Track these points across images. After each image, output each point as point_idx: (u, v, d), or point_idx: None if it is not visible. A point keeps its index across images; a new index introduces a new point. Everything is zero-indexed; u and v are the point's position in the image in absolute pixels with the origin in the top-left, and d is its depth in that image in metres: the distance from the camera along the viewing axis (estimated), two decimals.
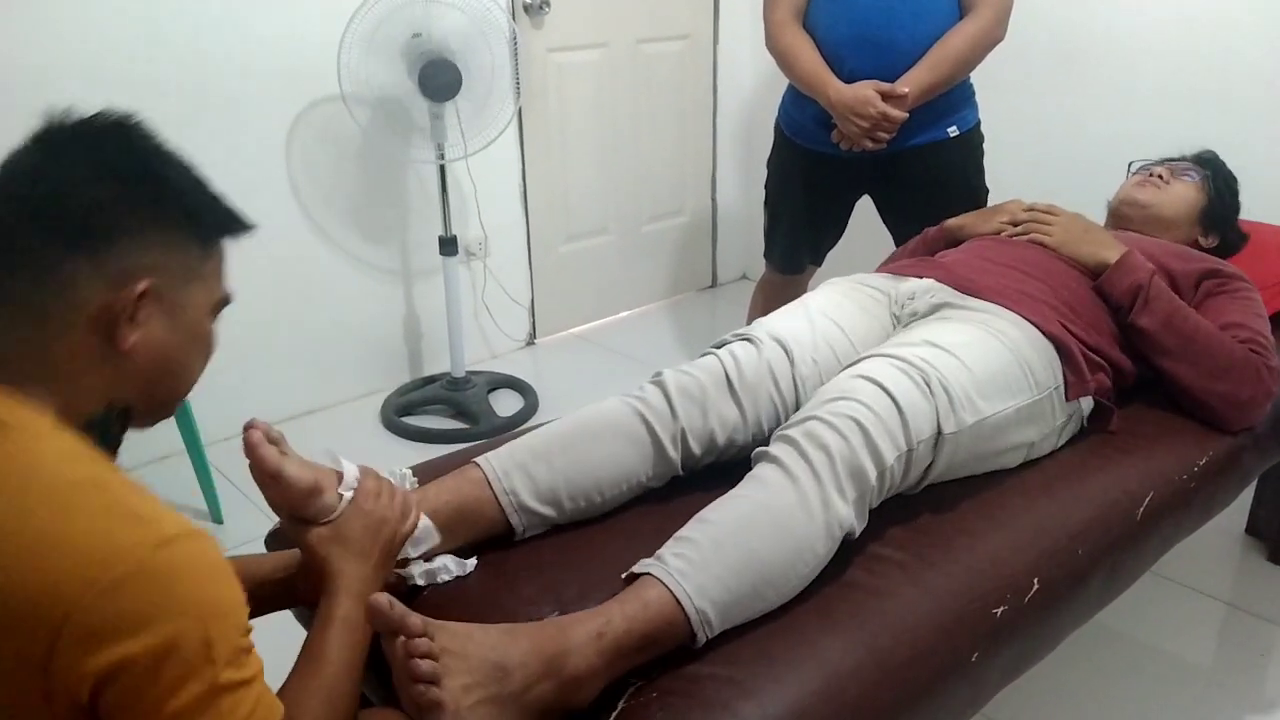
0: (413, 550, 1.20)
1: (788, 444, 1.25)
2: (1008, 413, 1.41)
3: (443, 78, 2.51)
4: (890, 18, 2.13)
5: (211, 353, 0.95)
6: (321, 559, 1.06)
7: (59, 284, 0.82)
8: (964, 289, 1.60)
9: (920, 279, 1.66)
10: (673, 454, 1.37)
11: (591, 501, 1.33)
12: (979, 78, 2.28)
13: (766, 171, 2.53)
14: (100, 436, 0.86)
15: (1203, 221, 1.99)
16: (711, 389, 1.41)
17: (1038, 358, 1.48)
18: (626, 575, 1.16)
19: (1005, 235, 1.84)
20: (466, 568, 1.24)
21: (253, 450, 1.06)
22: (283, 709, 0.84)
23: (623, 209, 3.58)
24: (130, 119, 0.88)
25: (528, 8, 3.06)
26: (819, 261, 2.58)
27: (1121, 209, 2.02)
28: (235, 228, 0.94)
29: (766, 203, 2.56)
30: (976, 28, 2.13)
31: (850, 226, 2.51)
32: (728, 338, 1.53)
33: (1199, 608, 2.06)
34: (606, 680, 1.06)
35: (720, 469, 1.41)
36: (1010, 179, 2.50)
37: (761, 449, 1.29)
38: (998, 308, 1.54)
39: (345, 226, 2.88)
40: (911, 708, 1.14)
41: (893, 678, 1.12)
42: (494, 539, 1.29)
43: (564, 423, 1.37)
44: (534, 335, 3.45)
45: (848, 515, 1.22)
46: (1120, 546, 1.42)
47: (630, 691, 1.07)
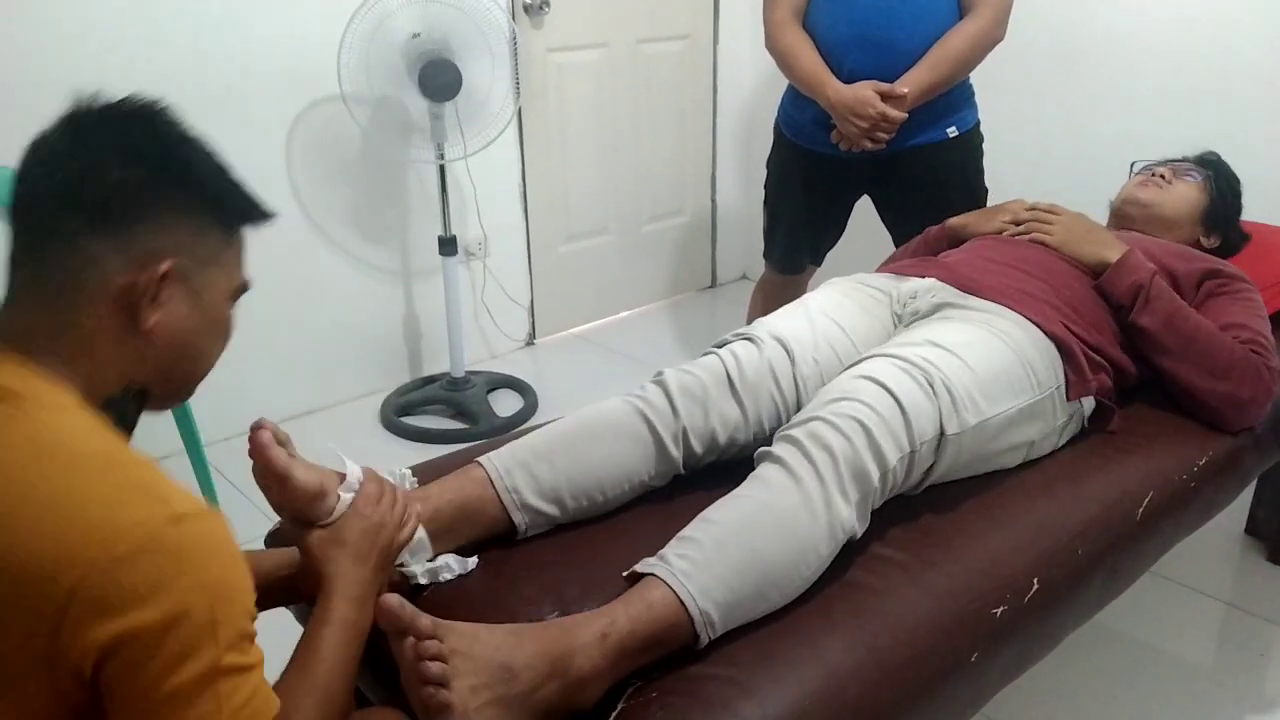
0: (409, 559, 1.20)
1: (791, 444, 1.25)
2: (1010, 413, 1.42)
3: (442, 78, 2.51)
4: (890, 18, 2.13)
5: (229, 338, 0.97)
6: (319, 560, 1.06)
7: (84, 262, 0.84)
8: (966, 288, 1.60)
9: (922, 278, 1.66)
10: (674, 452, 1.37)
11: (593, 500, 1.33)
12: (979, 78, 2.28)
13: (766, 172, 2.53)
14: (117, 417, 0.87)
15: (1205, 222, 1.99)
16: (713, 388, 1.41)
17: (1040, 358, 1.48)
18: (629, 574, 1.16)
19: (1007, 235, 1.84)
20: (468, 566, 1.25)
21: (262, 451, 1.06)
22: (278, 704, 0.84)
23: (622, 209, 3.58)
24: (157, 104, 0.91)
25: (527, 8, 3.06)
26: (818, 262, 2.58)
27: (1124, 208, 2.02)
28: (256, 215, 0.96)
29: (766, 203, 2.56)
30: (976, 28, 2.13)
31: (850, 227, 2.51)
32: (729, 337, 1.53)
33: (1198, 608, 2.06)
34: (611, 681, 1.06)
35: (722, 468, 1.41)
36: (1010, 179, 2.50)
37: (764, 449, 1.29)
38: (999, 307, 1.54)
39: (345, 226, 2.88)
40: (911, 708, 1.14)
41: (893, 678, 1.12)
42: (496, 538, 1.29)
43: (566, 422, 1.37)
44: (534, 335, 3.45)
45: (850, 518, 1.22)
46: (1120, 546, 1.42)
47: (630, 691, 1.07)
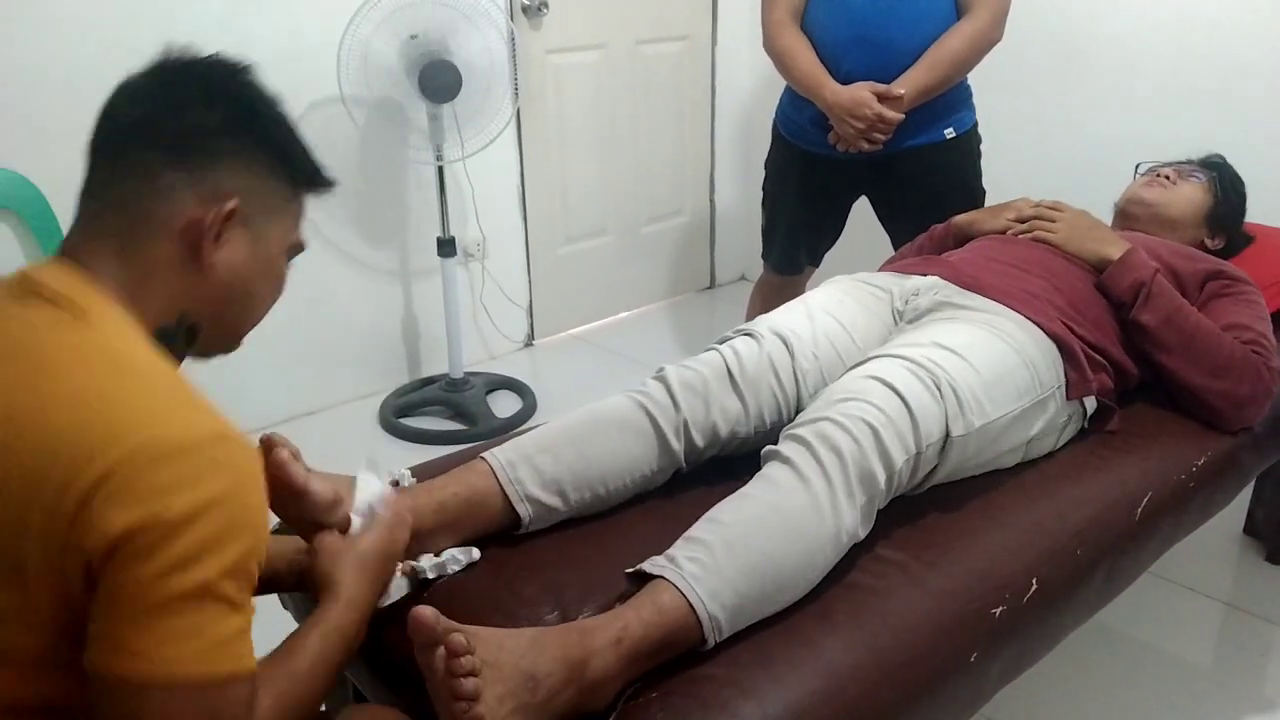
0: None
1: (799, 444, 1.25)
2: (1013, 414, 1.42)
3: (442, 79, 2.51)
4: (887, 19, 2.13)
5: (279, 293, 1.01)
6: (334, 567, 1.06)
7: (157, 193, 0.89)
8: (968, 287, 1.61)
9: (924, 276, 1.67)
10: (676, 446, 1.38)
11: (596, 493, 1.33)
12: (978, 78, 2.28)
13: (764, 173, 2.53)
14: (166, 347, 0.90)
15: (1209, 223, 1.99)
16: (713, 382, 1.42)
17: (1042, 358, 1.49)
18: (634, 571, 1.17)
19: (1011, 234, 1.84)
20: (473, 556, 1.26)
21: (283, 469, 1.06)
22: (255, 667, 0.84)
23: (621, 210, 3.58)
24: (243, 63, 0.96)
25: (526, 9, 3.06)
26: (817, 262, 2.58)
27: (1128, 208, 2.03)
28: (320, 181, 1.01)
29: (764, 204, 2.56)
30: (973, 29, 2.13)
31: (848, 228, 2.51)
32: (729, 334, 1.54)
33: (1197, 608, 2.06)
34: (622, 684, 1.06)
35: (722, 467, 1.41)
36: (1010, 179, 2.50)
37: (772, 448, 1.29)
38: (1001, 306, 1.54)
39: (344, 227, 2.88)
40: (911, 708, 1.14)
41: (893, 678, 1.12)
42: (496, 536, 1.29)
43: (568, 418, 1.38)
44: (532, 336, 3.45)
45: (854, 522, 1.22)
46: (1119, 546, 1.42)
47: (630, 691, 1.07)
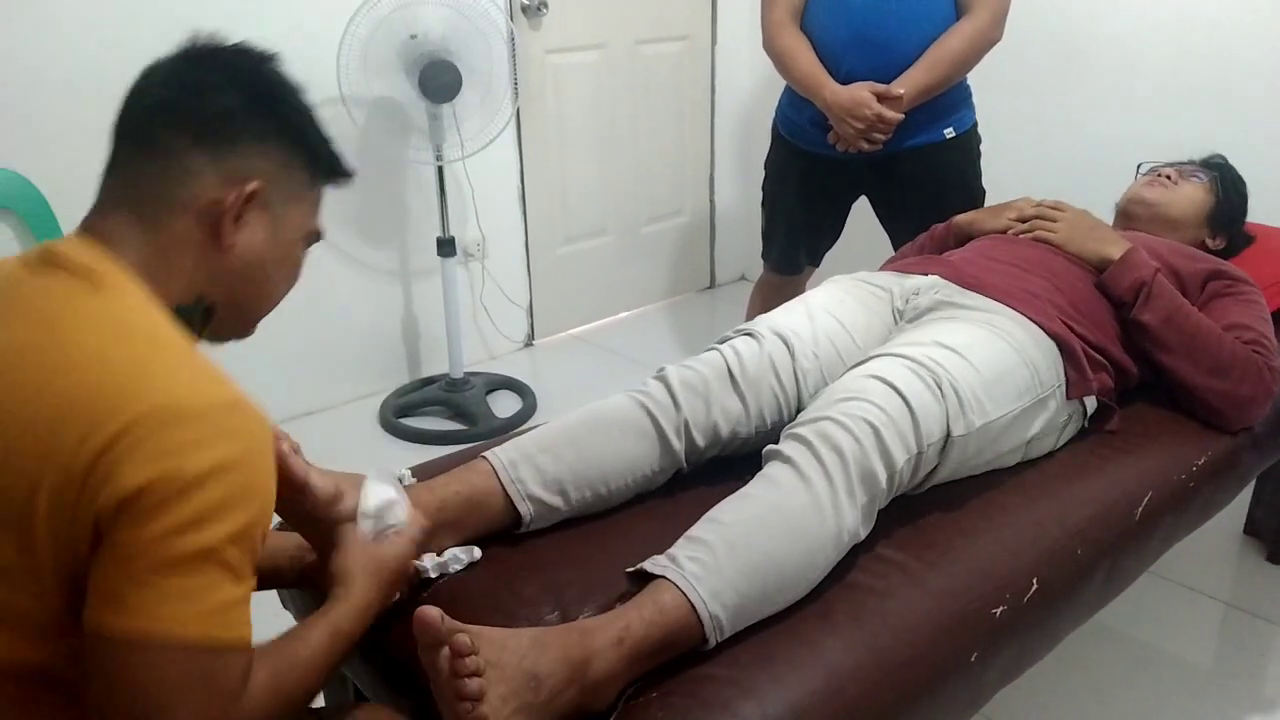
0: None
1: (800, 443, 1.25)
2: (1014, 414, 1.42)
3: (442, 79, 2.50)
4: (887, 19, 2.13)
5: (295, 280, 1.04)
6: (349, 566, 1.06)
7: (179, 173, 0.91)
8: (968, 286, 1.61)
9: (924, 275, 1.67)
10: (676, 445, 1.38)
11: (597, 493, 1.33)
12: (978, 78, 2.28)
13: (764, 173, 2.53)
14: (183, 325, 0.91)
15: (1210, 223, 1.99)
16: (714, 381, 1.42)
17: (1043, 357, 1.49)
18: (634, 570, 1.17)
19: (1012, 233, 1.84)
20: (474, 555, 1.26)
21: (282, 460, 1.06)
22: (251, 638, 0.84)
23: (621, 210, 3.58)
24: (269, 52, 0.99)
25: (525, 9, 3.06)
26: (816, 262, 2.58)
27: (1130, 208, 2.03)
28: (339, 171, 1.03)
29: (764, 204, 2.56)
30: (973, 29, 2.13)
31: (848, 228, 2.51)
32: (729, 334, 1.54)
33: (1198, 608, 2.06)
34: (624, 684, 1.06)
35: (722, 468, 1.41)
36: (1010, 179, 2.50)
37: (773, 447, 1.29)
38: (1001, 306, 1.55)
39: (343, 228, 2.88)
40: (911, 708, 1.14)
41: (893, 678, 1.12)
42: (497, 536, 1.29)
43: (569, 418, 1.38)
44: (532, 336, 3.45)
45: (855, 522, 1.22)
46: (1119, 546, 1.42)
47: (630, 691, 1.07)
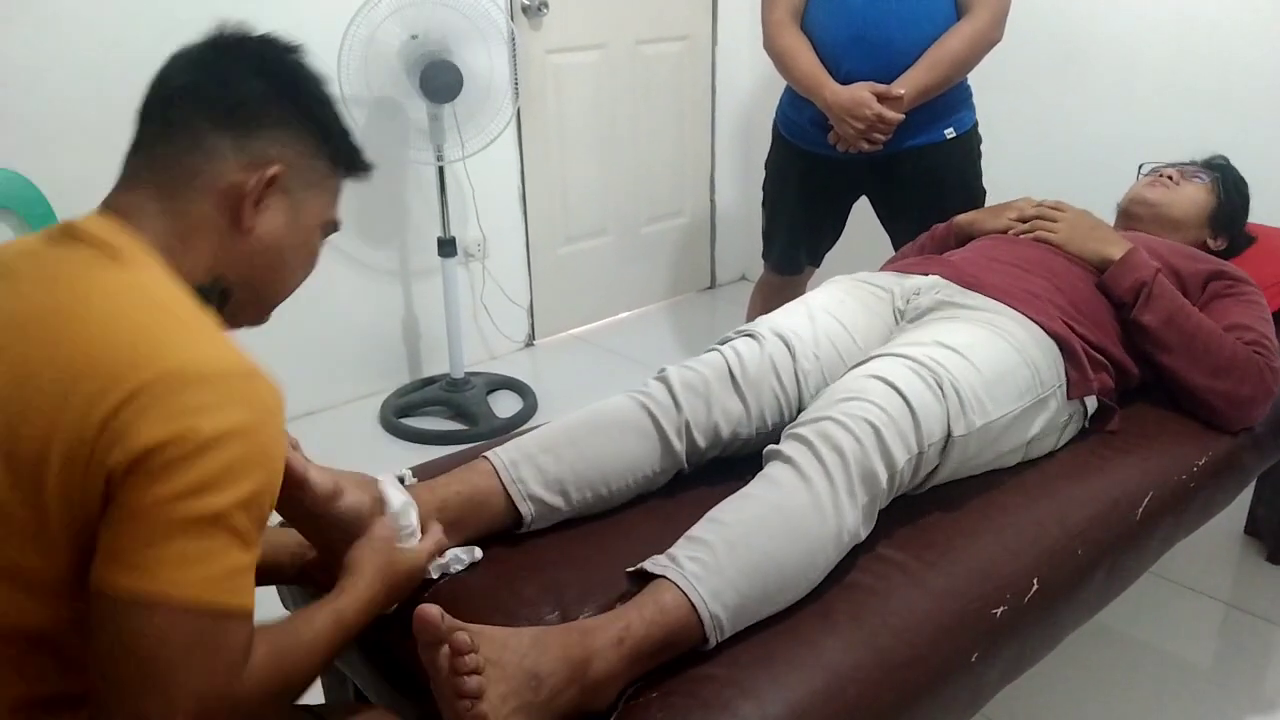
0: None
1: (801, 443, 1.25)
2: (1015, 414, 1.42)
3: (443, 79, 2.50)
4: (887, 19, 2.13)
5: (312, 268, 1.05)
6: (366, 561, 1.06)
7: (204, 155, 0.92)
8: (968, 286, 1.61)
9: (925, 275, 1.67)
10: (677, 446, 1.38)
11: (598, 493, 1.33)
12: (978, 78, 2.28)
13: (764, 173, 2.53)
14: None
15: (1212, 224, 1.99)
16: (715, 382, 1.42)
17: (1043, 357, 1.49)
18: (635, 570, 1.17)
19: (1013, 233, 1.84)
20: (475, 555, 1.26)
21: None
22: (253, 606, 0.84)
23: (621, 210, 3.58)
24: (294, 43, 1.01)
25: (526, 9, 3.06)
26: (817, 263, 2.58)
27: (1131, 208, 2.03)
28: (359, 163, 1.05)
29: (764, 204, 2.56)
30: (973, 29, 2.13)
31: (848, 228, 2.51)
32: (730, 335, 1.54)
33: (1198, 608, 2.06)
34: (624, 684, 1.06)
35: (723, 468, 1.41)
36: (1010, 179, 2.50)
37: (773, 447, 1.29)
38: (1001, 305, 1.55)
39: (344, 228, 2.86)
40: (911, 708, 1.14)
41: (893, 678, 1.12)
42: (498, 536, 1.29)
43: (570, 418, 1.38)
44: (533, 336, 3.45)
45: (855, 522, 1.22)
46: (1119, 546, 1.42)
47: (630, 691, 1.07)
